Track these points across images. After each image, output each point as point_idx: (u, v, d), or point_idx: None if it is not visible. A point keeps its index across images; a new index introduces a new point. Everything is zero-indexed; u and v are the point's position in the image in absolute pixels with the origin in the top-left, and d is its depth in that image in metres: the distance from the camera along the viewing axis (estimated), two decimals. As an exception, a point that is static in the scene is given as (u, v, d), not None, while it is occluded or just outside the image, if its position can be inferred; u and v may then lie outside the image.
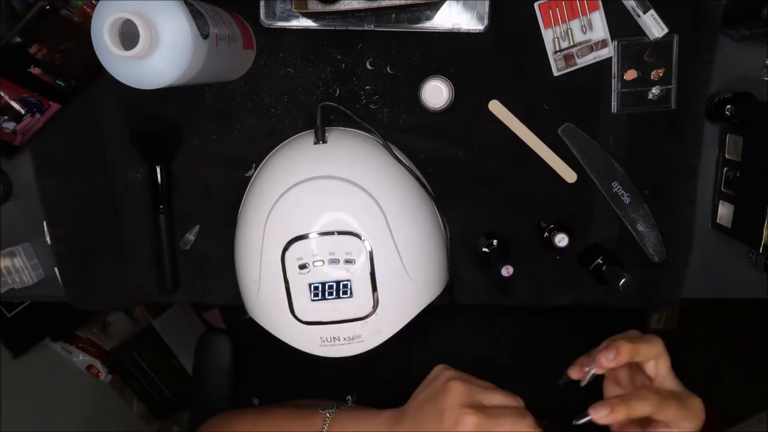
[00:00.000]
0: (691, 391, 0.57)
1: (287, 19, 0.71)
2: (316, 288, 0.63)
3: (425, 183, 0.72)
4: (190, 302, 1.07)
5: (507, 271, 0.70)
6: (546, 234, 0.75)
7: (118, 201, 0.77)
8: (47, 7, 0.64)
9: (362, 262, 0.63)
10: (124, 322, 1.61)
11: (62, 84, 0.68)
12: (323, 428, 0.66)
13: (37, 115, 0.68)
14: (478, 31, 0.71)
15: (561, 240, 0.72)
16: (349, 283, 0.63)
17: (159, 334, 1.61)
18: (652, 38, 0.71)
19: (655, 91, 0.73)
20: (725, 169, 0.75)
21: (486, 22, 0.70)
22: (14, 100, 0.67)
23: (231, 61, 0.66)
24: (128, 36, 0.51)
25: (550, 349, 0.87)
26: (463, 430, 0.54)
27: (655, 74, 0.72)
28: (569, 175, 0.75)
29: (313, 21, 0.71)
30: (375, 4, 0.69)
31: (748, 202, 0.71)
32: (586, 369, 0.58)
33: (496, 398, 0.58)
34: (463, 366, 0.61)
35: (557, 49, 0.71)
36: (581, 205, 0.77)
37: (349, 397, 0.84)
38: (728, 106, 0.70)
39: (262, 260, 0.65)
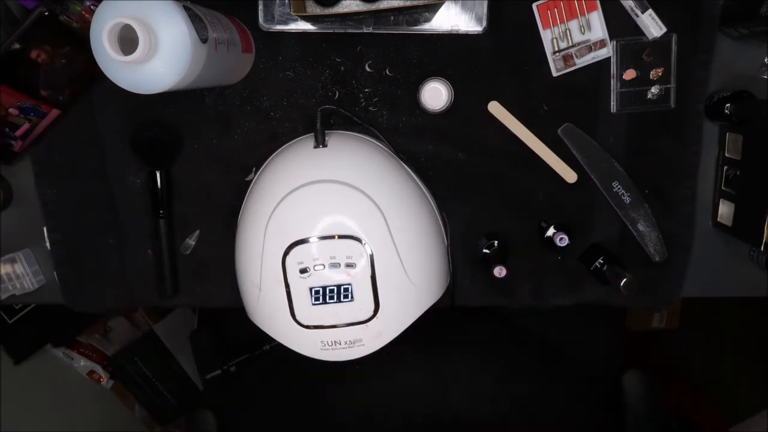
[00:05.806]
0: None
1: (286, 23, 0.71)
2: (317, 292, 0.63)
3: (425, 185, 0.72)
4: (191, 306, 1.06)
5: (500, 272, 0.70)
6: (547, 234, 0.75)
7: (118, 206, 0.77)
8: (46, 13, 0.64)
9: (363, 265, 0.63)
10: (126, 327, 1.61)
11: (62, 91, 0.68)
12: None
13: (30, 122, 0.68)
14: (476, 33, 0.71)
15: (561, 239, 0.72)
16: (349, 286, 0.63)
17: (160, 339, 1.61)
18: (650, 38, 0.71)
19: (654, 90, 0.73)
20: (725, 168, 0.75)
21: (484, 23, 0.70)
22: (12, 106, 0.67)
23: (230, 65, 0.66)
24: (127, 41, 0.51)
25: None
26: None
27: (654, 74, 0.72)
28: (569, 175, 0.75)
29: (312, 24, 0.71)
30: (373, 7, 0.69)
31: (749, 200, 0.71)
32: None
33: None
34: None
35: (556, 49, 0.71)
36: (581, 205, 0.77)
37: None
38: (727, 105, 0.70)
39: (263, 264, 0.65)
